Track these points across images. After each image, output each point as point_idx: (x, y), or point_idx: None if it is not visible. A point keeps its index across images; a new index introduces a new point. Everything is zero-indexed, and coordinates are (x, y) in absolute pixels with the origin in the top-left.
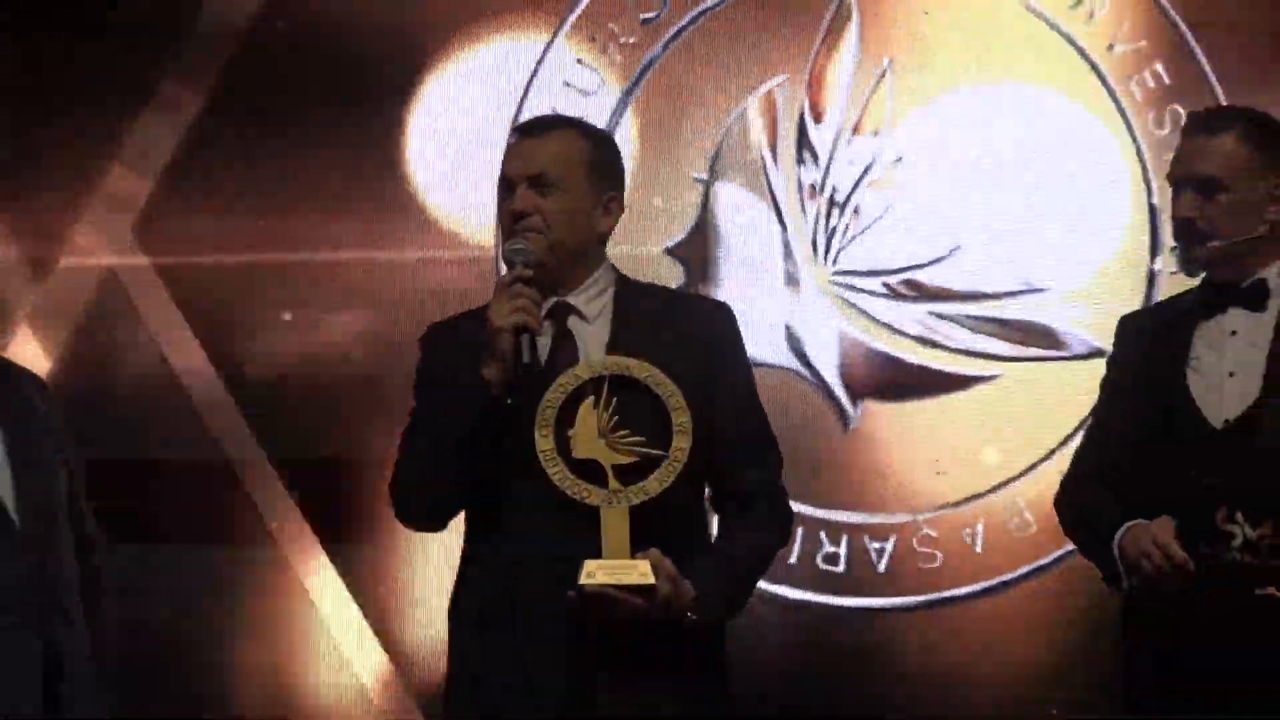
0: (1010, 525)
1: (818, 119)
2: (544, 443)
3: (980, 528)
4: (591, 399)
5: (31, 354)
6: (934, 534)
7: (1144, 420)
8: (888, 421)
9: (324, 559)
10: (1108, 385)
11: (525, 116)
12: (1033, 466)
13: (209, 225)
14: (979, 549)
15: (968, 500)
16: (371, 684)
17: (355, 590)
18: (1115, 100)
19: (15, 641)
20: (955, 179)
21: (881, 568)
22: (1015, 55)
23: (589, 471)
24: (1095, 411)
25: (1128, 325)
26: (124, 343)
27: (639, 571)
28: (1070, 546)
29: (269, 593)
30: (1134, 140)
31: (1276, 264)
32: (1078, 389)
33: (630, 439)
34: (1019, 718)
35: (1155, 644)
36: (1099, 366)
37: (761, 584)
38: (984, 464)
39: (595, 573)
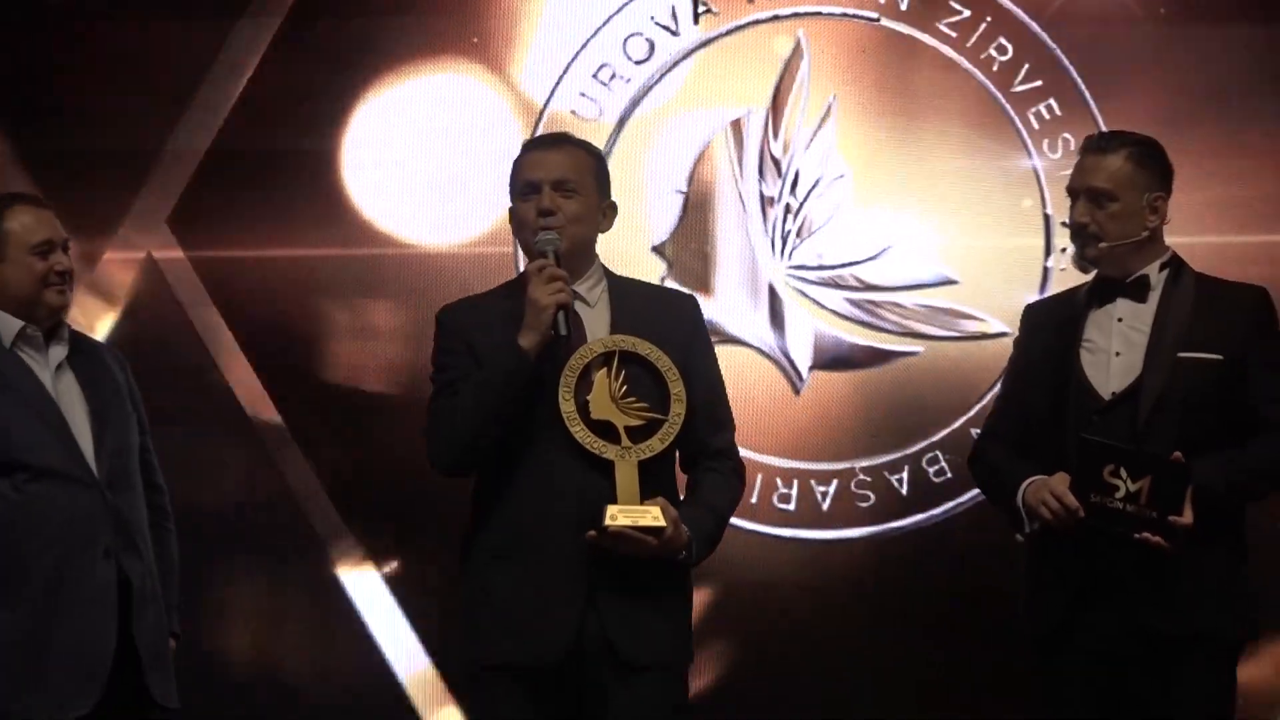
0: (931, 470)
1: (776, 143)
2: (567, 405)
3: (905, 475)
4: (604, 370)
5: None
6: (868, 479)
7: (1045, 392)
8: (831, 388)
9: (342, 522)
10: (1015, 362)
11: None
12: (948, 425)
13: (233, 223)
14: (904, 492)
15: (895, 451)
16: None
17: (375, 553)
18: (1017, 130)
19: (96, 571)
20: (887, 193)
21: (825, 507)
22: (937, 91)
23: (603, 431)
24: (1003, 384)
25: (1032, 312)
26: (163, 325)
27: (652, 516)
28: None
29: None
30: (1031, 162)
31: (1156, 263)
32: (984, 363)
33: (637, 404)
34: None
35: (1056, 565)
36: (1002, 344)
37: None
38: (909, 423)
39: (617, 516)
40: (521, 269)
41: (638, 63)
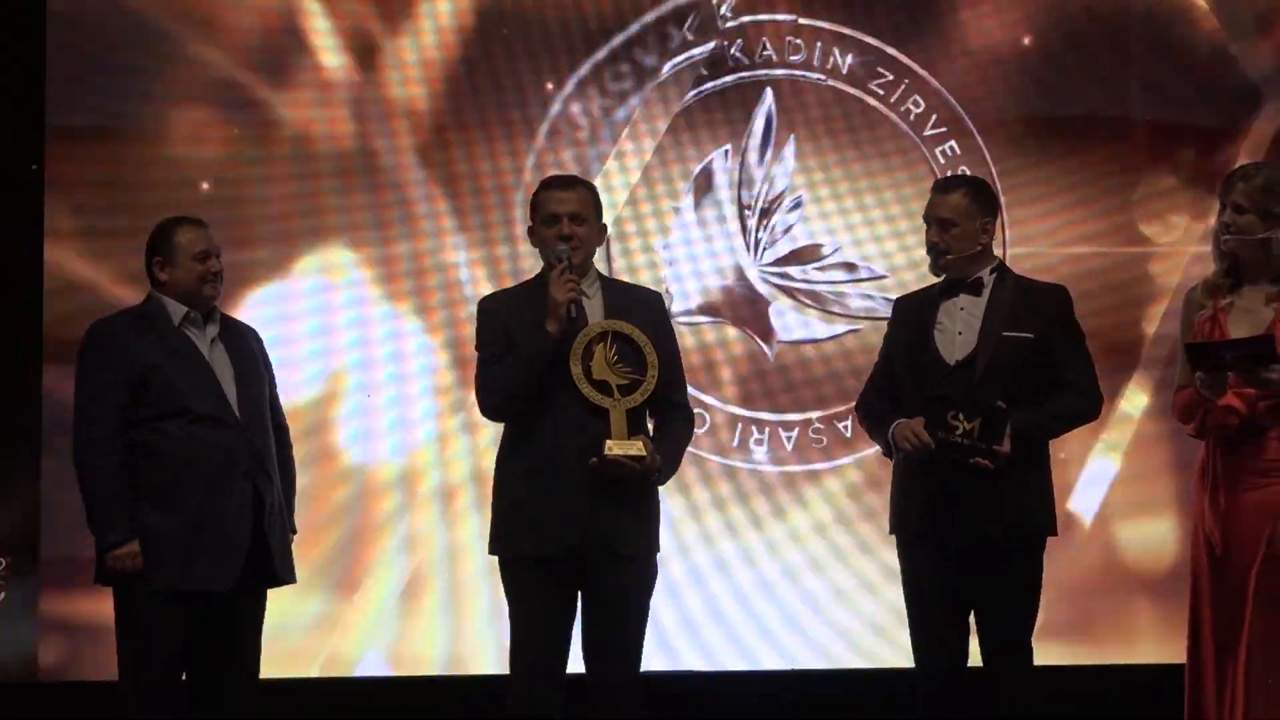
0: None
1: (750, 172)
2: (576, 369)
3: (849, 422)
4: (602, 344)
5: None
6: (821, 426)
7: (909, 359)
8: (793, 357)
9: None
10: (888, 339)
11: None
12: None
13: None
14: (848, 435)
15: (843, 403)
16: None
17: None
18: (928, 163)
19: (238, 489)
20: (833, 210)
21: (789, 445)
22: (870, 133)
23: (602, 388)
24: (880, 354)
25: (900, 303)
26: None
27: (638, 448)
28: None
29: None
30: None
31: (987, 268)
32: None
33: (625, 369)
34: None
35: (913, 482)
36: None
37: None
38: (853, 382)
39: (613, 448)
40: (538, 271)
41: (648, 106)
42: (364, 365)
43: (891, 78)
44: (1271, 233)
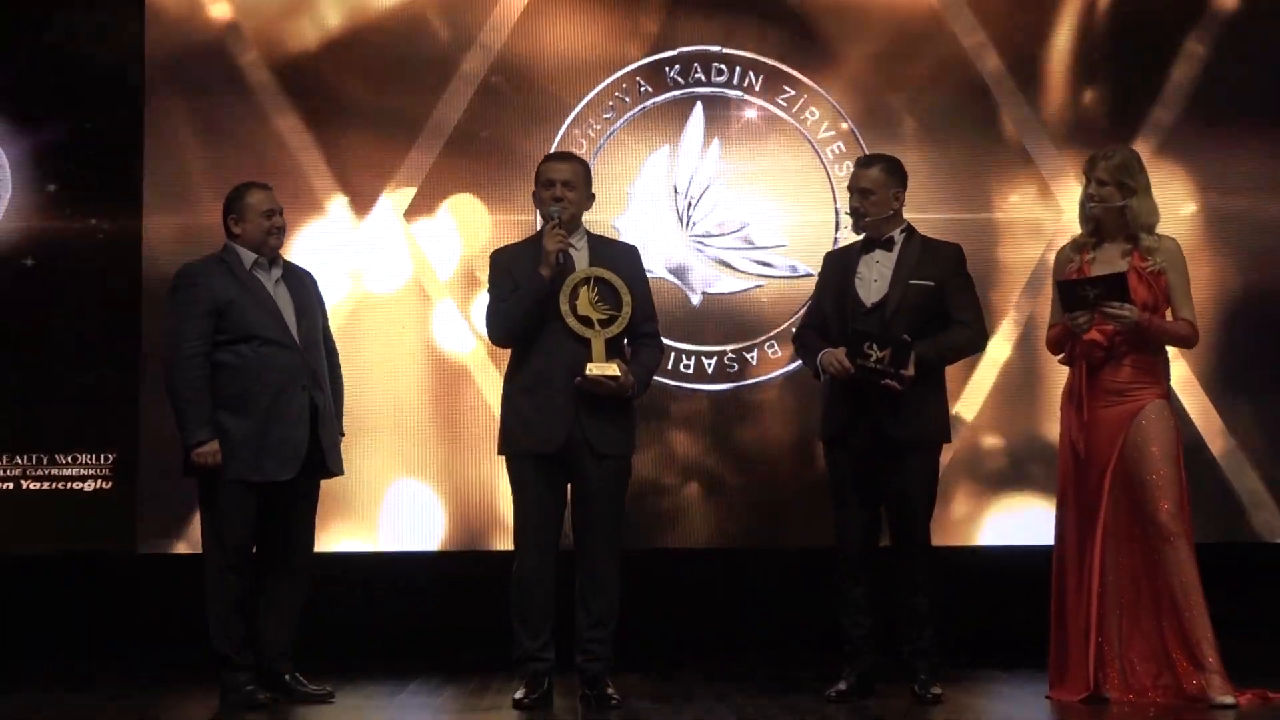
0: (769, 351)
1: (683, 165)
2: (564, 306)
3: (756, 353)
4: (586, 286)
5: None
6: (734, 355)
7: (834, 301)
8: (713, 304)
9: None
10: (819, 285)
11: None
12: (778, 326)
13: None
14: (754, 363)
15: (748, 340)
16: None
17: None
18: (820, 159)
19: (298, 399)
20: (746, 193)
21: (710, 370)
22: (775, 136)
23: (585, 321)
24: (812, 297)
25: (829, 256)
26: None
27: (614, 369)
28: (799, 362)
29: None
30: (828, 176)
31: (898, 229)
32: (801, 291)
33: (605, 306)
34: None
35: (837, 398)
36: (810, 281)
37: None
38: (757, 324)
39: (593, 369)
40: (539, 228)
41: (606, 116)
42: None
43: (793, 93)
44: (1127, 202)
